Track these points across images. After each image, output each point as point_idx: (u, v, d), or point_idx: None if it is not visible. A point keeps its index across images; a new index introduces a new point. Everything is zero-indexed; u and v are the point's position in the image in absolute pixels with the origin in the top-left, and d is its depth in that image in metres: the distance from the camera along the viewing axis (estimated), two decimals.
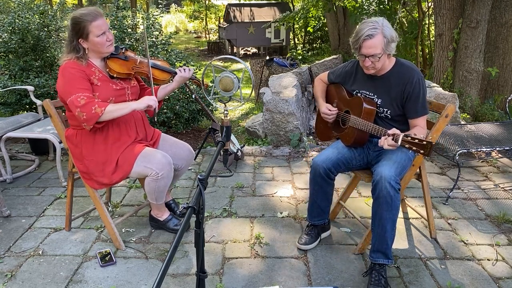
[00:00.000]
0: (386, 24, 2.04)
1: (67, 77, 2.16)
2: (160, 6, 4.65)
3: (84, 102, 2.09)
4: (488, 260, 2.32)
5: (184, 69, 2.48)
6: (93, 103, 2.11)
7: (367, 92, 2.23)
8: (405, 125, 2.20)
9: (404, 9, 7.76)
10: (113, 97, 2.27)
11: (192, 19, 19.96)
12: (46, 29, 4.37)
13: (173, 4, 21.89)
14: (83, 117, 2.10)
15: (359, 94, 2.27)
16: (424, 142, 1.75)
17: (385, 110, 2.18)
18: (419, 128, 2.10)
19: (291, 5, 12.91)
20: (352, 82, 2.31)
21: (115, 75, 2.29)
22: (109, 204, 2.98)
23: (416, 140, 1.77)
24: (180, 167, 2.54)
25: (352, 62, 2.34)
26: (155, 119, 2.34)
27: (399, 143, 1.83)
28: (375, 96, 2.20)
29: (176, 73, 2.47)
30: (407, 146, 1.81)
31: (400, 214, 2.75)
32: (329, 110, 2.36)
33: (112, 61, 2.31)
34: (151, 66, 2.42)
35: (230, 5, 12.74)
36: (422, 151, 1.76)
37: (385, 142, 1.89)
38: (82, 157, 2.29)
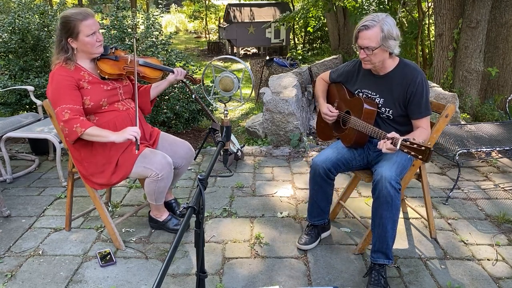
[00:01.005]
0: (389, 21, 2.03)
1: (54, 85, 2.15)
2: (160, 6, 4.65)
3: (68, 117, 2.09)
4: (488, 260, 2.32)
5: (180, 71, 2.52)
6: (76, 121, 2.09)
7: (369, 91, 2.23)
8: (406, 126, 2.20)
9: (404, 9, 7.76)
10: (105, 98, 2.26)
11: (192, 19, 19.96)
12: (46, 29, 4.37)
13: (173, 4, 21.89)
14: (65, 132, 2.12)
15: (361, 94, 2.26)
16: (423, 148, 1.74)
17: (387, 110, 2.18)
18: (421, 130, 2.10)
19: (291, 5, 12.91)
20: (354, 81, 2.31)
21: (106, 77, 2.27)
22: (109, 204, 2.98)
23: (415, 145, 1.76)
24: (180, 165, 2.53)
25: (354, 61, 2.34)
26: (137, 151, 2.22)
27: (398, 147, 1.82)
28: (377, 95, 2.20)
29: (170, 71, 2.49)
30: (405, 150, 1.80)
31: (400, 214, 2.74)
32: (330, 111, 2.35)
33: (103, 62, 2.29)
34: (142, 65, 2.42)
35: (230, 5, 12.73)
36: (420, 157, 1.75)
37: (383, 146, 1.89)
38: (81, 159, 2.28)
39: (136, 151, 2.17)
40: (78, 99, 2.16)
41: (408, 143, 1.79)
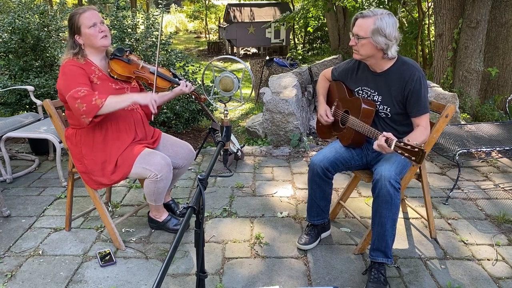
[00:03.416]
0: (387, 19, 2.02)
1: (67, 74, 2.17)
2: (160, 6, 4.65)
3: (84, 94, 2.09)
4: (488, 260, 2.32)
5: (187, 85, 2.52)
6: (93, 95, 2.10)
7: (368, 89, 2.23)
8: (403, 126, 2.20)
9: (404, 9, 7.77)
10: None
11: (192, 19, 19.98)
12: (46, 29, 4.37)
13: (173, 4, 21.90)
14: (83, 109, 2.07)
15: (360, 92, 2.27)
16: (416, 149, 1.73)
17: (385, 107, 2.18)
18: (421, 129, 2.09)
19: (291, 5, 12.92)
20: (354, 78, 2.31)
21: (115, 77, 2.30)
22: (109, 204, 2.98)
23: (409, 147, 1.76)
24: (180, 166, 2.54)
25: (354, 58, 2.34)
26: (152, 118, 2.39)
27: (392, 148, 1.82)
28: (376, 93, 2.20)
29: (177, 83, 2.50)
30: (399, 151, 1.80)
31: (400, 214, 2.75)
32: (326, 115, 2.37)
33: (115, 63, 2.32)
34: (153, 73, 2.45)
35: (230, 5, 12.75)
36: (413, 158, 1.74)
37: (375, 142, 1.90)
38: (81, 157, 2.29)
39: (152, 117, 2.35)
40: (90, 86, 2.19)
41: (402, 144, 1.79)
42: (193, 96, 2.87)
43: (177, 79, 2.53)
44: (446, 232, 2.61)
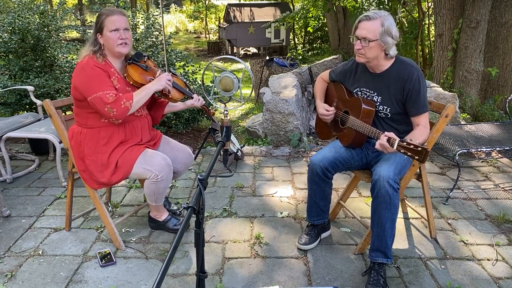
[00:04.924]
0: (390, 19, 2.05)
1: (90, 74, 2.15)
2: (160, 6, 4.65)
3: (113, 100, 2.12)
4: (488, 260, 2.32)
5: (199, 99, 2.58)
6: (120, 98, 2.14)
7: (367, 89, 2.23)
8: (403, 126, 2.20)
9: (404, 9, 7.77)
10: None
11: (192, 19, 19.98)
12: (46, 29, 4.37)
13: (173, 4, 21.90)
14: (113, 113, 2.12)
15: (359, 93, 2.27)
16: (419, 148, 1.74)
17: (385, 107, 2.18)
18: (421, 128, 2.09)
19: (291, 5, 12.92)
20: (352, 79, 2.31)
21: (131, 82, 2.29)
22: (109, 204, 2.98)
23: (412, 146, 1.76)
24: (179, 170, 2.54)
25: (352, 60, 2.34)
26: (170, 95, 2.40)
27: (395, 147, 1.82)
28: (375, 93, 2.20)
29: (190, 96, 2.53)
30: (402, 151, 1.80)
31: (400, 214, 2.75)
32: (327, 110, 2.36)
33: (132, 68, 2.31)
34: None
35: (230, 5, 12.74)
36: (416, 157, 1.75)
37: (377, 142, 1.89)
38: (83, 156, 2.28)
39: (169, 95, 2.41)
40: (113, 87, 2.20)
41: (405, 143, 1.79)
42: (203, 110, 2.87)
43: (190, 92, 2.54)
44: (446, 232, 2.61)
